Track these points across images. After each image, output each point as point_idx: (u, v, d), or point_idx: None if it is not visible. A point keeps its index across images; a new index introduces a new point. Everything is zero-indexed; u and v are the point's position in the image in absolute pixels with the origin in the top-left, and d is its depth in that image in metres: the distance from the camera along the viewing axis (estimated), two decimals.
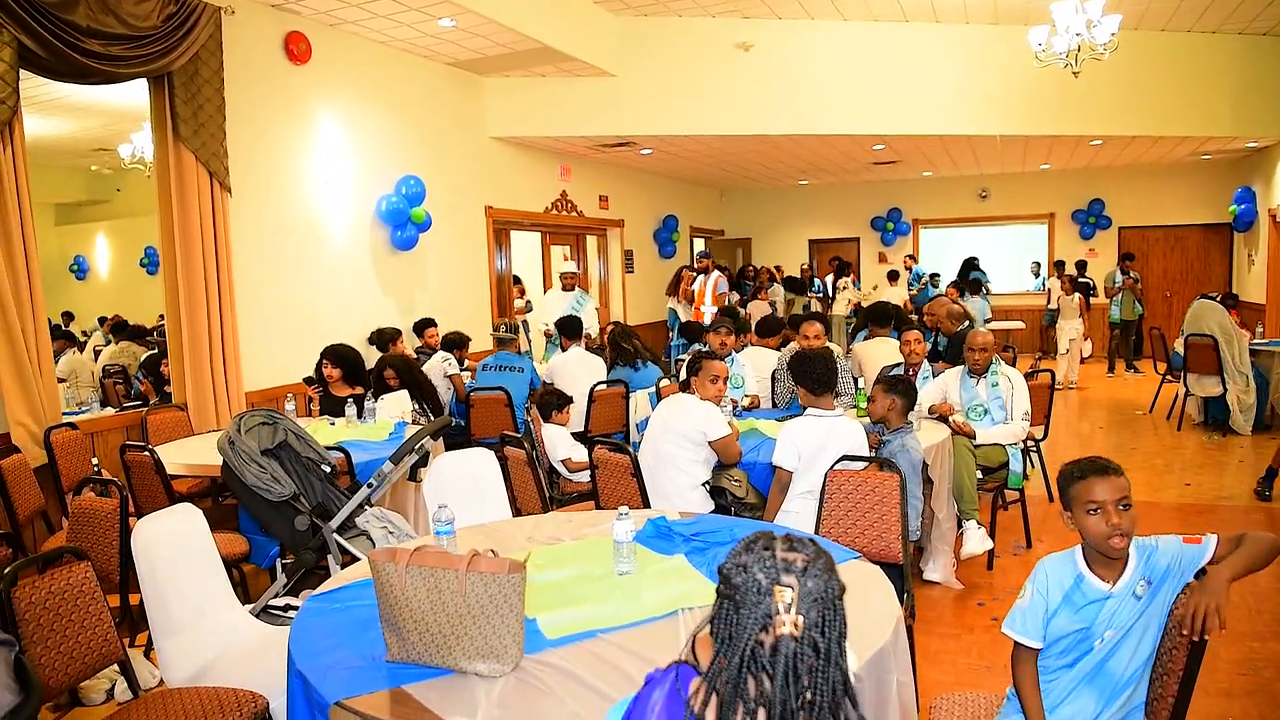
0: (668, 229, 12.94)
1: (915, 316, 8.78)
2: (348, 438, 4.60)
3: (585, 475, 4.77)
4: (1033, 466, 5.87)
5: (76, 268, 9.09)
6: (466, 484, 3.46)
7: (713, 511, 3.86)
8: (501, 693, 1.80)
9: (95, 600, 2.53)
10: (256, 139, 6.01)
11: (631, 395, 6.02)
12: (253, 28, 5.92)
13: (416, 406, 5.51)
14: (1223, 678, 3.34)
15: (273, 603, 3.36)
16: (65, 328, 8.23)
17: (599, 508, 3.83)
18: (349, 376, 5.43)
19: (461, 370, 6.71)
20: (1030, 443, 5.55)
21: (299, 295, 6.41)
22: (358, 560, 3.06)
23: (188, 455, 4.45)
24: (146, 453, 3.99)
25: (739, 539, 1.26)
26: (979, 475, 4.58)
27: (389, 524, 3.48)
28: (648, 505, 3.60)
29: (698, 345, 6.94)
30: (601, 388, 5.99)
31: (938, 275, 13.16)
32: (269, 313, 6.15)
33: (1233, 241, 12.71)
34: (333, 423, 5.11)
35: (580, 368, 6.46)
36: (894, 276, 13.05)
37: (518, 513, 3.80)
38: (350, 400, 5.19)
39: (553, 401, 5.12)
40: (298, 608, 2.62)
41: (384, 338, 6.78)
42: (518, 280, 10.12)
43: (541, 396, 5.24)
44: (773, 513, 3.77)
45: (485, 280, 8.71)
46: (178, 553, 2.76)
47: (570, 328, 7.01)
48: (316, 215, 6.59)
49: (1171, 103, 8.81)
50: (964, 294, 11.19)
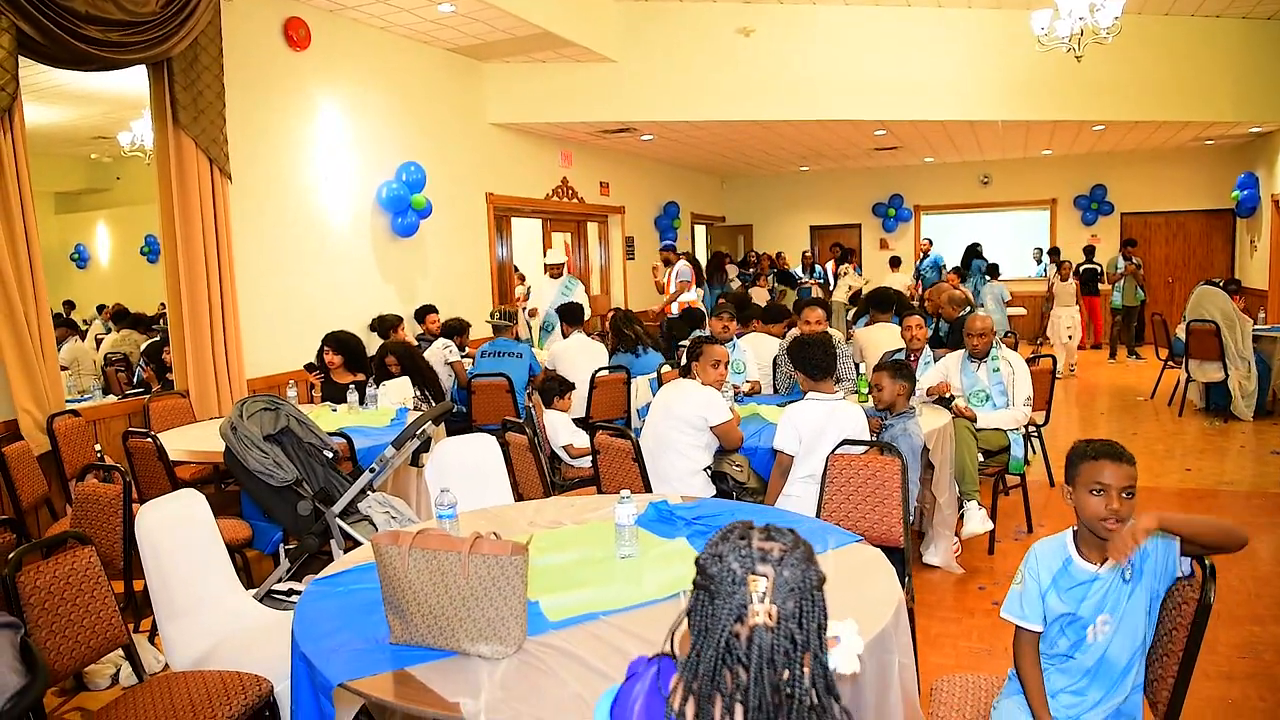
0: (669, 215, 12.92)
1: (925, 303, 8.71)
2: (349, 423, 4.61)
3: (587, 461, 4.78)
4: (1034, 452, 5.87)
5: (77, 256, 9.09)
6: (469, 469, 3.46)
7: (714, 496, 3.87)
8: (504, 674, 1.81)
9: (99, 585, 2.54)
10: (256, 125, 6.00)
11: (632, 381, 6.03)
12: (252, 13, 5.90)
13: (418, 393, 5.51)
14: (1223, 661, 3.36)
15: (276, 587, 3.37)
16: (67, 316, 8.24)
17: (601, 493, 3.84)
18: (350, 363, 5.43)
19: (462, 356, 6.71)
20: (1031, 428, 5.55)
21: (300, 282, 6.42)
22: (360, 545, 3.06)
23: (190, 441, 4.46)
24: (149, 439, 4.00)
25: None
26: (980, 458, 4.59)
27: (391, 509, 3.49)
28: (649, 490, 3.61)
29: (699, 331, 6.94)
30: (603, 373, 5.99)
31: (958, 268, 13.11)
32: (270, 299, 6.15)
33: (1235, 227, 12.68)
34: (334, 408, 5.13)
35: (581, 354, 6.46)
36: (895, 263, 13.03)
37: (520, 498, 3.81)
38: (352, 387, 5.20)
39: (554, 387, 5.13)
40: (300, 592, 2.64)
41: (385, 324, 6.79)
42: (517, 270, 10.12)
43: (543, 382, 5.25)
44: (773, 497, 3.77)
45: (486, 267, 8.70)
46: (181, 538, 2.77)
47: (571, 314, 7.01)
48: (317, 202, 6.58)
49: (1175, 88, 8.75)
50: (982, 279, 11.22)
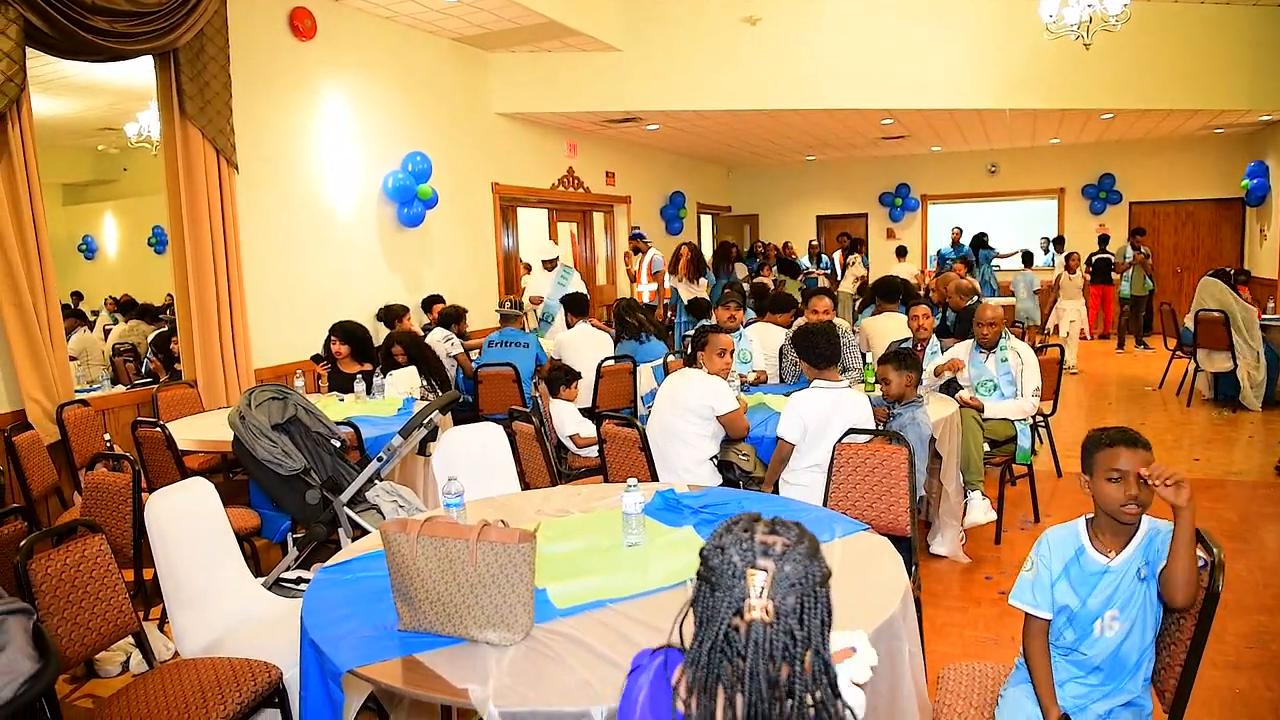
0: (675, 205, 12.89)
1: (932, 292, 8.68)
2: (357, 413, 4.62)
3: (593, 450, 4.78)
4: (1041, 442, 5.86)
5: (85, 248, 9.12)
6: (475, 459, 3.47)
7: (721, 485, 3.87)
8: (512, 661, 1.82)
9: (110, 572, 2.55)
10: (263, 116, 6.00)
11: (637, 369, 6.03)
12: (257, 4, 5.89)
13: (425, 382, 5.52)
14: (1230, 650, 3.35)
15: (284, 575, 3.39)
16: (75, 307, 8.27)
17: (607, 482, 3.84)
18: (357, 353, 5.44)
19: (463, 344, 6.69)
20: (1039, 418, 5.54)
21: (307, 272, 6.43)
22: (368, 533, 3.08)
23: (198, 431, 4.48)
24: (158, 428, 4.02)
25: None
26: (986, 448, 4.58)
27: (399, 497, 3.50)
28: (656, 479, 3.62)
29: (704, 321, 6.93)
30: (609, 363, 6.00)
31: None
32: (277, 290, 6.16)
33: (1245, 216, 12.59)
34: (342, 398, 5.14)
35: (587, 343, 6.47)
36: (901, 253, 13.00)
37: (526, 487, 3.82)
38: (359, 377, 5.21)
39: (560, 377, 5.13)
40: (309, 580, 2.65)
41: (391, 314, 6.80)
42: (523, 261, 10.13)
43: (549, 372, 5.25)
44: (770, 483, 3.79)
45: (492, 257, 8.69)
46: (190, 526, 2.78)
47: (577, 304, 7.01)
48: (323, 192, 6.58)
49: (1184, 75, 8.66)
50: (990, 268, 11.20)
